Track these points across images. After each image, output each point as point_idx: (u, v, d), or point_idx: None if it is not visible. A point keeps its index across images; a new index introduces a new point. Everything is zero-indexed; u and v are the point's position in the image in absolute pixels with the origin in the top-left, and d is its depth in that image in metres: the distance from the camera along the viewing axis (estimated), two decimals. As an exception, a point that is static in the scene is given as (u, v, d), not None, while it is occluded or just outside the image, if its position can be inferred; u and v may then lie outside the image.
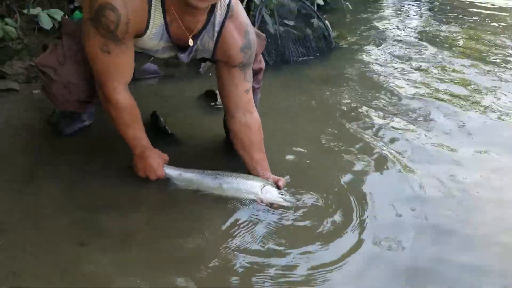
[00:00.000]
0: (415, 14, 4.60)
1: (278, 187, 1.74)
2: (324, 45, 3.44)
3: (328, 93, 2.79)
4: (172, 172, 1.77)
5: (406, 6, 4.81)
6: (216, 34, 1.66)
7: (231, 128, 1.82)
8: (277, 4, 3.23)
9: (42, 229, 1.55)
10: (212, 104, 2.46)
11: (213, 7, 1.60)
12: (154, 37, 1.60)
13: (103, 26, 1.48)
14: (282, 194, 1.72)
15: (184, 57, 1.72)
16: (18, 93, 2.38)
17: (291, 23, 3.40)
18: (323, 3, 3.65)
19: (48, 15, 2.39)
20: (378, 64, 3.28)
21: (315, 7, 3.54)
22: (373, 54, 3.45)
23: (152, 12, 1.53)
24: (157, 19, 1.56)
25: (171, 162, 1.80)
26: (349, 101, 2.69)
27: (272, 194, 1.72)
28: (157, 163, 1.74)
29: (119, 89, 1.62)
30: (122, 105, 1.64)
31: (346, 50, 3.48)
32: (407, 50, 3.57)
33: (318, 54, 3.33)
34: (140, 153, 1.73)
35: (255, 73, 2.01)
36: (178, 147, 2.06)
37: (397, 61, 3.34)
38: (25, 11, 2.57)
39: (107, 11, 1.46)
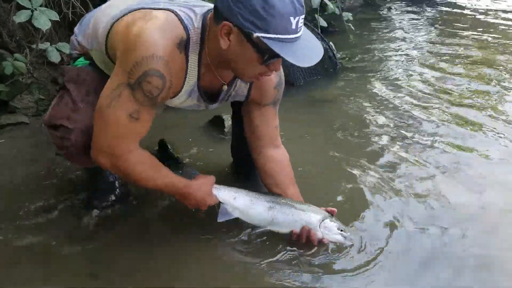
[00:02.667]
0: (418, 31, 4.62)
1: None
2: (329, 66, 3.46)
3: (333, 113, 2.79)
4: (224, 195, 1.63)
5: (408, 23, 4.84)
6: None
7: (259, 164, 1.74)
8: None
9: (51, 261, 1.55)
10: (221, 135, 2.45)
11: None
12: (187, 94, 1.52)
13: (145, 93, 1.36)
14: (341, 230, 1.56)
15: (213, 107, 1.66)
16: (28, 126, 2.42)
17: (295, 46, 3.43)
18: (326, 25, 3.68)
19: (56, 49, 2.44)
20: (383, 83, 3.28)
21: (319, 30, 3.57)
22: (378, 74, 3.46)
23: (188, 71, 1.45)
24: (192, 77, 1.48)
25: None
26: (355, 121, 2.68)
27: (331, 229, 1.56)
28: (203, 194, 1.59)
29: (134, 149, 1.46)
30: (141, 160, 1.49)
31: (351, 71, 3.50)
32: (412, 68, 3.57)
33: (323, 76, 3.35)
34: (181, 195, 1.58)
35: None
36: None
37: (402, 80, 3.34)
38: (34, 46, 2.63)
39: (153, 78, 1.34)
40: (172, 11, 1.40)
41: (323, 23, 3.62)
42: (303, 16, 1.29)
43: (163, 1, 1.47)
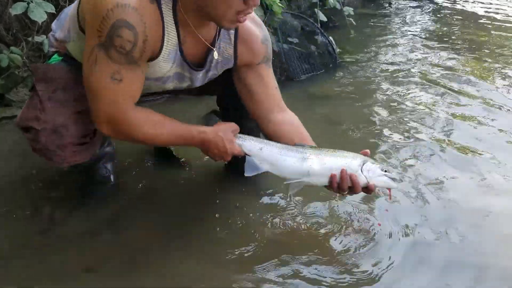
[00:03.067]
0: (419, 26, 4.59)
1: None
2: (328, 61, 3.43)
3: (333, 109, 2.77)
4: (249, 145, 1.50)
5: (409, 18, 4.80)
6: (233, 35, 1.52)
7: (271, 133, 1.59)
8: (280, 22, 3.24)
9: (45, 256, 1.52)
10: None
11: None
12: (168, 59, 1.42)
13: (117, 49, 1.29)
14: (385, 171, 1.42)
15: (199, 78, 1.55)
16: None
17: (295, 40, 3.40)
18: (326, 20, 3.65)
19: (53, 41, 2.41)
20: (383, 79, 3.25)
21: (318, 24, 3.54)
22: (377, 70, 3.43)
23: (165, 27, 1.36)
24: (171, 37, 1.39)
25: (182, 186, 1.75)
26: (355, 117, 2.66)
27: (374, 172, 1.41)
28: (224, 141, 1.48)
29: (129, 110, 1.39)
30: (143, 119, 1.41)
31: (351, 66, 3.47)
32: (412, 64, 3.55)
33: (323, 70, 3.32)
34: (199, 144, 1.49)
35: None
36: (183, 170, 2.03)
37: (402, 77, 3.31)
38: (30, 38, 2.60)
39: (122, 30, 1.27)
40: None
41: (323, 17, 3.59)
42: None
43: None
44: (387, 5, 5.12)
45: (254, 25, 1.57)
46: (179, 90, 1.63)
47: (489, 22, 4.62)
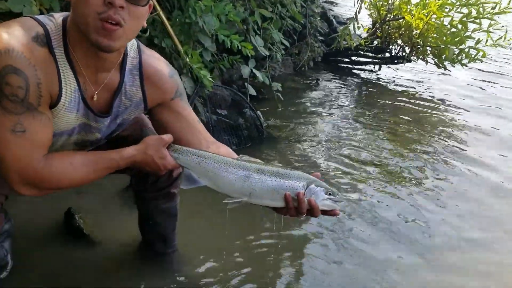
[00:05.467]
0: (345, 101, 4.87)
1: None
2: (256, 134, 3.49)
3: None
4: (185, 160, 1.41)
5: (335, 94, 5.09)
6: (138, 76, 1.43)
7: None
8: (210, 93, 3.28)
9: None
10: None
11: (123, 59, 1.40)
12: (70, 107, 1.33)
13: (9, 98, 1.18)
14: (330, 194, 1.36)
15: (107, 125, 1.44)
16: None
17: (224, 112, 3.46)
18: (255, 94, 3.76)
19: None
20: (309, 154, 3.36)
21: (248, 98, 3.64)
22: (304, 144, 3.54)
23: (60, 69, 1.27)
24: (69, 81, 1.30)
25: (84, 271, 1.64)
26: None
27: (318, 195, 1.35)
28: (152, 159, 1.40)
29: (41, 165, 1.28)
30: (60, 166, 1.31)
31: (277, 140, 3.55)
32: (340, 136, 3.71)
33: (249, 144, 3.37)
34: (126, 164, 1.40)
35: (175, 179, 1.77)
36: (93, 250, 1.91)
37: (330, 149, 3.44)
38: None
39: (9, 76, 1.17)
40: (28, 17, 1.28)
41: (252, 92, 3.69)
42: None
43: None
44: (315, 81, 5.40)
45: (156, 60, 1.49)
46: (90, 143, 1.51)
47: (412, 101, 5.02)
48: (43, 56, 1.24)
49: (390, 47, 5.82)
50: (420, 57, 5.53)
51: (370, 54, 6.04)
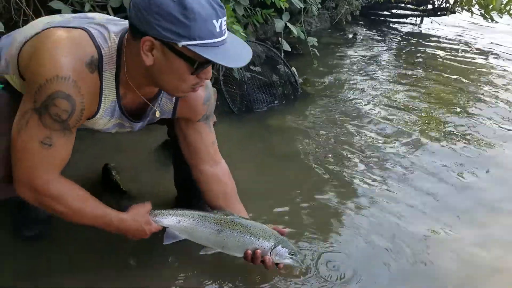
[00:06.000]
0: (382, 57, 4.69)
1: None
2: (290, 91, 3.43)
3: (294, 141, 2.75)
4: (167, 221, 1.57)
5: (373, 49, 4.90)
6: None
7: (200, 182, 1.70)
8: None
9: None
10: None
11: None
12: (105, 115, 1.42)
13: (52, 117, 1.28)
14: (293, 255, 1.58)
15: (139, 126, 1.57)
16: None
17: (258, 69, 3.39)
18: (290, 50, 3.66)
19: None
20: (344, 111, 3.27)
21: (282, 54, 3.55)
22: (339, 101, 3.45)
23: (104, 89, 1.36)
24: (109, 96, 1.39)
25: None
26: (316, 148, 2.67)
27: (282, 256, 1.57)
28: (140, 225, 1.52)
29: (53, 179, 1.37)
30: (64, 193, 1.38)
31: (312, 97, 3.48)
32: (375, 95, 3.59)
33: (284, 101, 3.31)
34: (117, 230, 1.51)
35: None
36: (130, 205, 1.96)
37: (365, 108, 3.34)
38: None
39: (59, 100, 1.26)
40: (83, 29, 1.31)
41: (287, 47, 3.60)
42: (225, 18, 1.24)
43: (87, 19, 1.39)
44: (352, 35, 5.20)
45: None
46: None
47: (456, 57, 4.77)
48: (92, 82, 1.32)
49: (433, -3, 5.51)
50: (465, 8, 5.21)
51: (411, 6, 5.75)
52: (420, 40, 5.31)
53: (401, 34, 5.55)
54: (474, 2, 5.06)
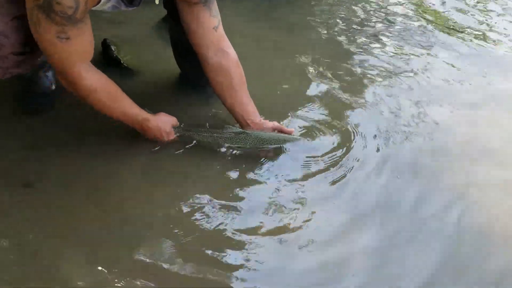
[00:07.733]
0: None
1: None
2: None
3: (301, 21, 2.64)
4: (185, 138, 1.70)
5: None
6: None
7: (206, 72, 1.70)
8: None
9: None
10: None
11: None
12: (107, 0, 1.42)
13: (58, 14, 1.29)
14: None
15: (133, 6, 1.54)
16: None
17: None
18: None
19: None
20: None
21: None
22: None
23: None
24: None
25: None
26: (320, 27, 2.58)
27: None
28: (162, 131, 1.63)
29: (85, 72, 1.45)
30: (96, 87, 1.47)
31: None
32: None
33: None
34: (140, 128, 1.61)
35: None
36: (131, 80, 1.97)
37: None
38: None
39: None
40: None
41: None
42: None
43: None
44: None
45: None
46: None
47: None
48: None
49: None
50: None
51: None
52: None
53: None
54: None
